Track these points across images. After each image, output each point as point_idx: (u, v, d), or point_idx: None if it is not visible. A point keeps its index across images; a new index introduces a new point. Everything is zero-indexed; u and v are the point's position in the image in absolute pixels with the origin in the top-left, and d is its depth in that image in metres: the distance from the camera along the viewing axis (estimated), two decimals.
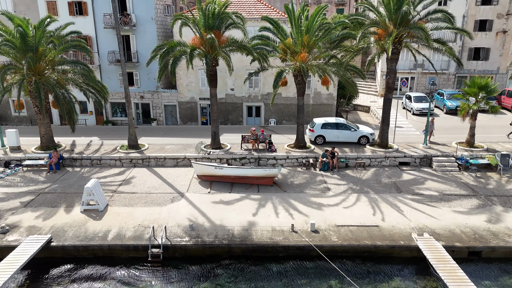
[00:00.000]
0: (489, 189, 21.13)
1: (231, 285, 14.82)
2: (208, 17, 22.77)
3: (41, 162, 23.99)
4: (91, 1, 32.56)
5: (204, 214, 18.54)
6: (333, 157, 23.80)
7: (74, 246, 16.14)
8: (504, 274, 15.34)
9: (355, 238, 16.57)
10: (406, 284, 14.80)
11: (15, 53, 22.69)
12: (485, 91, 24.27)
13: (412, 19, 23.03)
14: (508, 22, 38.89)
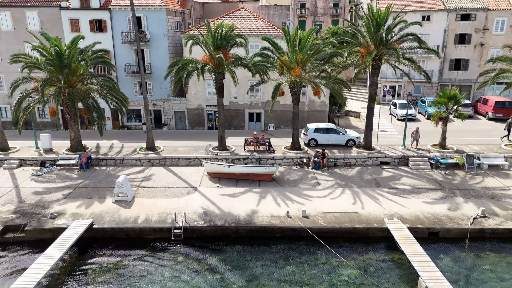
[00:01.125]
0: (453, 184, 25.09)
1: (238, 257, 18.72)
2: (216, 38, 26.79)
3: (72, 162, 27.95)
4: (110, 20, 36.60)
5: (215, 204, 22.49)
6: (323, 157, 27.76)
7: (112, 228, 20.07)
8: (456, 249, 19.23)
9: (338, 222, 20.51)
10: (377, 256, 18.71)
11: (52, 69, 26.64)
12: (454, 101, 28.21)
13: (390, 40, 27.07)
14: (485, 36, 42.94)
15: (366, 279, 16.96)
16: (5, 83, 38.39)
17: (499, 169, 27.34)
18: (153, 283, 16.81)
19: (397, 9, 44.62)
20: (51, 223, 20.32)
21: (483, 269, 17.77)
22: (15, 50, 37.28)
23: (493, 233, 19.91)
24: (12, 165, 28.03)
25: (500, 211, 21.47)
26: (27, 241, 19.75)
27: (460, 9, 42.71)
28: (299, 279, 17.09)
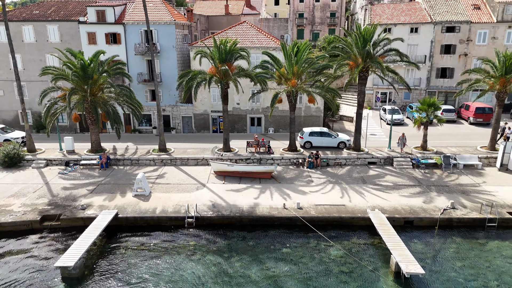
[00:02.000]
0: (431, 181, 28.52)
1: (242, 241, 22.13)
2: (222, 52, 30.30)
3: (93, 162, 31.43)
4: (123, 33, 40.18)
5: (221, 197, 25.92)
6: (317, 158, 31.20)
7: (134, 218, 23.51)
8: (427, 235, 22.61)
9: (327, 212, 23.94)
10: (360, 240, 22.11)
11: (77, 80, 30.15)
12: (433, 107, 31.65)
13: (376, 54, 30.58)
14: (468, 47, 46.47)
15: (349, 258, 20.36)
16: (27, 91, 41.95)
17: (473, 168, 30.76)
18: (170, 261, 20.22)
19: (388, 21, 48.38)
20: (82, 213, 23.77)
21: (448, 251, 21.16)
22: (37, 61, 41.09)
23: (459, 222, 23.32)
24: (40, 165, 31.50)
25: (468, 203, 24.89)
26: (62, 228, 23.17)
27: (445, 22, 46.27)
28: (293, 259, 20.48)
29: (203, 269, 19.54)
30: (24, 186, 27.74)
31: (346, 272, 19.41)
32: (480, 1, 48.44)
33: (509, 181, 28.41)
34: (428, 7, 48.80)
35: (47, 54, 40.84)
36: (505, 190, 26.70)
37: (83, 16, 40.46)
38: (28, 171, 30.70)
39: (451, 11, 47.49)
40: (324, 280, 18.75)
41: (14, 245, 21.69)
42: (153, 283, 18.52)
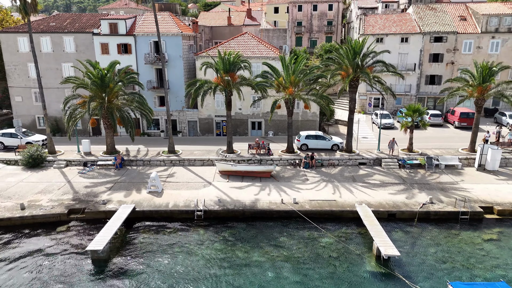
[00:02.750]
0: (414, 180, 31.69)
1: (244, 231, 25.26)
2: (226, 64, 33.53)
3: (109, 162, 34.61)
4: (134, 44, 43.44)
5: (226, 194, 29.09)
6: (312, 159, 34.37)
7: (150, 211, 26.67)
8: (407, 226, 25.72)
9: (320, 206, 27.10)
10: (348, 230, 25.23)
11: (95, 89, 33.37)
12: (418, 113, 34.85)
13: (365, 65, 33.81)
14: (455, 56, 49.71)
15: (339, 244, 23.50)
16: (45, 97, 45.05)
17: (453, 168, 33.93)
18: (183, 247, 23.35)
19: (380, 31, 51.66)
20: (104, 207, 26.93)
21: (424, 239, 24.30)
22: (53, 69, 44.35)
23: (436, 215, 26.47)
24: (61, 165, 34.68)
25: (445, 199, 28.06)
26: (86, 220, 26.33)
27: (433, 32, 49.55)
28: (290, 245, 23.61)
29: (212, 254, 22.68)
30: (49, 184, 30.91)
31: (335, 256, 22.55)
32: (466, 12, 51.75)
33: (484, 179, 31.59)
34: (417, 18, 52.11)
35: (63, 63, 44.12)
36: (479, 188, 29.88)
37: (96, 28, 43.70)
38: (51, 171, 33.88)
39: (439, 22, 50.78)
40: (316, 262, 21.88)
41: (46, 234, 24.84)
42: (168, 264, 21.65)
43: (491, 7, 50.58)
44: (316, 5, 73.53)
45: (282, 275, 20.78)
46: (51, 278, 20.52)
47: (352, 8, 73.10)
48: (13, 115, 46.56)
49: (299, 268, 21.39)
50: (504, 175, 32.29)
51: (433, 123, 46.18)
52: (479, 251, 23.02)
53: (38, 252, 22.90)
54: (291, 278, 20.52)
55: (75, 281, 20.35)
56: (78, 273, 21.02)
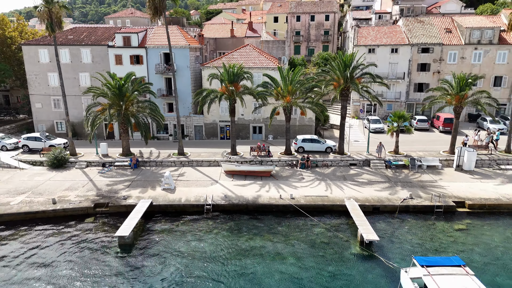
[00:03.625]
0: (398, 179, 35.60)
1: (248, 222, 29.12)
2: (230, 75, 37.52)
3: (125, 163, 38.53)
4: (145, 55, 47.48)
5: (231, 190, 33.00)
6: (307, 160, 38.29)
7: (165, 205, 30.58)
8: (389, 218, 29.58)
9: (313, 201, 31.00)
10: (337, 221, 29.10)
11: (114, 98, 37.35)
12: (403, 119, 38.79)
13: (355, 76, 37.80)
14: (441, 65, 53.74)
15: (329, 232, 27.37)
16: (62, 104, 49.00)
17: (434, 169, 37.84)
18: (195, 235, 27.22)
19: (372, 42, 55.73)
20: (125, 202, 30.84)
21: (403, 229, 28.17)
22: (71, 78, 48.31)
23: (414, 208, 30.37)
24: (82, 166, 38.60)
25: (423, 194, 31.96)
26: (110, 213, 30.21)
27: (421, 44, 53.62)
28: (287, 233, 27.49)
29: (220, 240, 26.56)
30: (74, 182, 34.84)
31: (326, 242, 26.43)
32: (452, 25, 55.86)
33: (460, 178, 35.51)
34: (406, 30, 56.20)
35: (80, 72, 48.16)
36: (455, 185, 33.79)
37: (111, 41, 47.75)
38: (73, 171, 37.81)
39: (426, 34, 54.87)
40: (309, 247, 25.75)
41: (77, 224, 28.75)
42: (183, 248, 25.53)
43: (474, 20, 54.69)
44: (313, 15, 77.69)
45: (280, 257, 24.65)
46: (86, 259, 24.40)
47: (347, 19, 77.31)
48: (34, 120, 50.50)
49: (295, 251, 25.26)
50: (478, 175, 36.22)
51: (420, 128, 50.17)
52: (448, 238, 26.91)
53: (72, 238, 26.79)
54: (288, 260, 24.39)
55: (106, 261, 24.23)
56: (108, 255, 24.91)
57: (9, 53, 54.32)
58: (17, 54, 55.12)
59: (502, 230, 27.93)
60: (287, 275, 22.86)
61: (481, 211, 30.35)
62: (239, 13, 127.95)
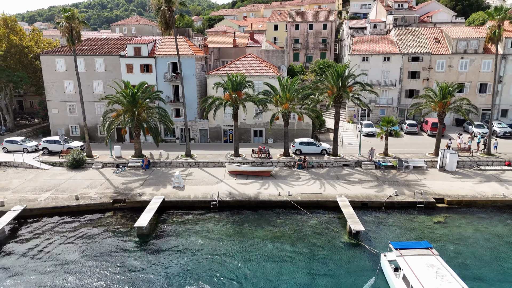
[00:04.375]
0: (386, 178, 39.24)
1: (250, 216, 32.75)
2: (233, 84, 41.25)
3: (138, 164, 42.21)
4: (154, 64, 51.26)
5: (235, 188, 36.65)
6: (304, 161, 41.94)
7: (176, 201, 34.24)
8: (376, 212, 33.19)
9: (309, 197, 34.64)
10: (330, 215, 32.70)
11: (128, 104, 41.08)
12: (391, 124, 42.45)
13: (348, 84, 41.52)
14: (430, 73, 57.46)
15: (322, 225, 30.97)
16: (77, 110, 52.86)
17: (420, 169, 41.46)
18: (203, 227, 30.84)
19: (366, 51, 59.48)
20: (140, 198, 34.51)
21: (388, 221, 31.77)
22: (85, 86, 51.99)
23: (399, 204, 33.99)
24: (98, 166, 42.29)
25: (408, 192, 35.59)
26: (127, 208, 33.86)
27: (411, 53, 57.36)
28: (284, 225, 31.10)
29: (225, 231, 30.21)
30: (92, 181, 38.53)
31: (319, 232, 30.05)
32: (440, 35, 59.64)
33: (442, 177, 39.14)
34: (398, 40, 59.98)
35: (94, 80, 51.94)
36: (437, 184, 37.42)
37: (122, 51, 51.55)
38: (91, 171, 41.51)
39: (416, 44, 58.63)
40: (304, 236, 29.37)
41: (99, 217, 32.42)
42: (193, 238, 29.15)
43: (461, 31, 58.46)
44: (311, 24, 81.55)
45: (278, 245, 28.26)
46: (110, 247, 28.04)
47: (344, 27, 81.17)
48: (50, 124, 54.24)
49: (291, 240, 28.89)
50: (459, 174, 39.85)
51: (409, 132, 53.90)
52: (427, 229, 30.52)
53: (95, 229, 30.45)
54: (285, 247, 28.00)
55: (127, 248, 27.89)
56: (128, 243, 28.56)
57: (26, 61, 58.04)
58: (33, 63, 58.92)
59: (475, 223, 31.53)
60: (284, 259, 26.46)
61: (458, 206, 33.99)
62: (240, 19, 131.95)
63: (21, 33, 59.47)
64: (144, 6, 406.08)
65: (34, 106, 67.16)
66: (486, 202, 34.15)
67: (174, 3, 39.23)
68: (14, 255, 27.11)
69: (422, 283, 19.59)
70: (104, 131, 41.83)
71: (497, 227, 30.72)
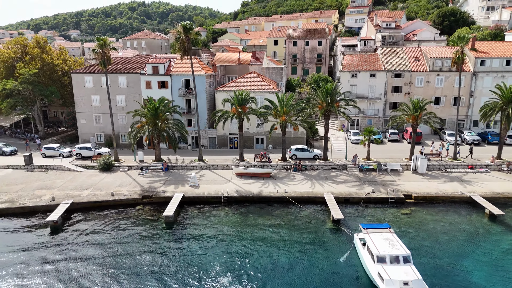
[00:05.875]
0: (367, 179, 47.00)
1: (254, 209, 40.52)
2: (239, 99, 49.18)
3: (158, 167, 50.05)
4: (170, 81, 59.23)
5: (241, 187, 44.44)
6: (299, 165, 49.75)
7: (193, 197, 42.05)
8: (356, 206, 40.94)
9: (301, 194, 42.43)
10: (318, 208, 40.45)
11: (151, 117, 48.97)
12: (372, 133, 50.28)
13: (334, 101, 49.45)
14: (410, 88, 65.37)
15: (312, 215, 38.72)
16: (102, 120, 60.80)
17: (396, 171, 49.23)
18: (216, 216, 38.62)
19: (355, 68, 67.47)
20: (164, 194, 42.30)
21: (365, 212, 39.50)
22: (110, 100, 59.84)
23: (375, 199, 41.71)
24: (125, 169, 50.12)
25: (383, 190, 43.29)
26: (153, 202, 41.63)
27: (394, 70, 65.34)
28: (281, 216, 38.83)
29: (233, 220, 37.97)
30: (122, 181, 46.35)
31: (308, 221, 37.78)
32: (420, 54, 67.66)
33: (414, 178, 46.89)
34: (383, 58, 68.01)
35: (117, 95, 59.88)
36: (408, 183, 45.16)
37: (142, 69, 59.59)
38: (119, 173, 49.36)
39: (399, 62, 66.64)
40: (297, 224, 37.09)
41: (131, 210, 40.21)
42: (209, 225, 36.91)
43: (438, 51, 66.51)
44: (308, 41, 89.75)
45: (276, 231, 35.99)
46: (144, 232, 35.80)
47: (337, 44, 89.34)
48: (78, 133, 62.18)
49: (287, 227, 36.62)
50: (428, 176, 47.64)
51: (392, 139, 61.76)
52: (395, 218, 38.24)
53: (130, 219, 38.21)
54: (282, 232, 35.73)
55: (158, 233, 35.63)
56: (158, 229, 36.33)
57: (56, 77, 66.08)
58: (61, 78, 66.95)
59: (434, 214, 39.22)
60: (280, 240, 34.19)
61: (423, 201, 41.71)
62: (242, 32, 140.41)
63: (51, 52, 67.57)
64: (147, 14, 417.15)
65: (58, 115, 75.21)
66: (446, 198, 41.89)
67: (191, 34, 47.28)
68: (70, 236, 34.88)
69: (378, 249, 27.35)
70: (131, 139, 49.65)
71: (452, 217, 38.47)
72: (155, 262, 30.99)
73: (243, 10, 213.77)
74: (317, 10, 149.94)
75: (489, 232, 35.56)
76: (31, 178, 47.52)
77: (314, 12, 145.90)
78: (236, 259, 31.33)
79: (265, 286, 27.73)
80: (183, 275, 29.17)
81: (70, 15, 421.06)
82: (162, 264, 30.63)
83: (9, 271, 29.76)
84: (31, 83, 60.34)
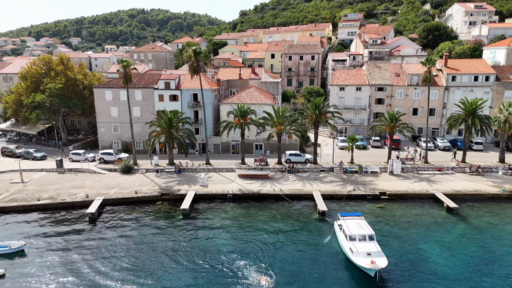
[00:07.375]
0: (350, 180, 55.40)
1: (254, 204, 48.80)
2: (241, 112, 57.61)
3: (172, 170, 58.33)
4: (180, 95, 67.66)
5: (243, 186, 52.75)
6: (292, 168, 58.11)
7: (203, 194, 50.33)
8: (340, 202, 49.29)
9: (294, 192, 50.74)
10: (307, 203, 48.76)
11: (165, 127, 57.29)
12: (355, 140, 58.76)
13: (322, 113, 57.95)
14: (391, 100, 74.00)
15: (302, 209, 47.03)
16: (119, 129, 69.08)
17: (375, 173, 57.64)
18: (224, 210, 46.88)
19: (343, 82, 76.13)
20: (179, 192, 50.56)
21: (347, 206, 47.84)
22: (127, 111, 68.22)
23: (355, 196, 50.04)
24: (143, 172, 58.38)
25: (362, 188, 51.65)
26: (171, 199, 49.86)
27: (377, 85, 74.00)
28: (277, 210, 47.13)
29: (237, 213, 46.25)
30: (142, 182, 54.60)
31: (299, 213, 46.10)
32: (400, 70, 76.41)
33: (389, 179, 55.32)
34: (368, 73, 76.71)
35: (133, 107, 68.18)
36: (384, 183, 53.58)
37: (155, 85, 68.01)
38: (138, 175, 57.58)
39: (381, 77, 75.33)
40: (290, 216, 45.41)
41: (152, 205, 48.46)
42: (217, 217, 45.17)
43: (415, 67, 75.27)
44: (302, 56, 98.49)
45: (273, 222, 44.26)
46: (164, 223, 44.02)
47: (329, 59, 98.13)
48: (99, 140, 70.43)
49: (281, 218, 44.91)
50: (402, 177, 56.10)
51: (375, 146, 70.31)
52: (371, 211, 46.61)
53: (152, 213, 46.43)
54: (277, 222, 44.00)
55: (176, 223, 43.85)
56: (176, 220, 44.57)
57: (78, 90, 74.37)
58: (82, 92, 75.25)
59: (403, 208, 47.59)
60: (275, 228, 42.47)
61: (395, 198, 50.11)
62: (241, 44, 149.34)
63: (73, 68, 75.94)
64: (147, 21, 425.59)
65: (75, 124, 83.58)
66: (414, 195, 50.32)
67: (201, 57, 55.81)
68: (105, 225, 43.06)
69: (350, 230, 35.73)
70: (148, 146, 57.95)
71: (417, 210, 46.90)
72: (176, 243, 39.20)
73: (241, 20, 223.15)
74: (312, 23, 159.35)
75: (444, 222, 43.99)
76: (64, 179, 55.72)
77: (309, 25, 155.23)
78: (241, 242, 39.56)
79: (265, 261, 35.98)
80: (198, 254, 37.41)
81: (71, 22, 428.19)
82: (181, 245, 38.84)
83: (68, 247, 37.93)
84: (57, 96, 68.59)
